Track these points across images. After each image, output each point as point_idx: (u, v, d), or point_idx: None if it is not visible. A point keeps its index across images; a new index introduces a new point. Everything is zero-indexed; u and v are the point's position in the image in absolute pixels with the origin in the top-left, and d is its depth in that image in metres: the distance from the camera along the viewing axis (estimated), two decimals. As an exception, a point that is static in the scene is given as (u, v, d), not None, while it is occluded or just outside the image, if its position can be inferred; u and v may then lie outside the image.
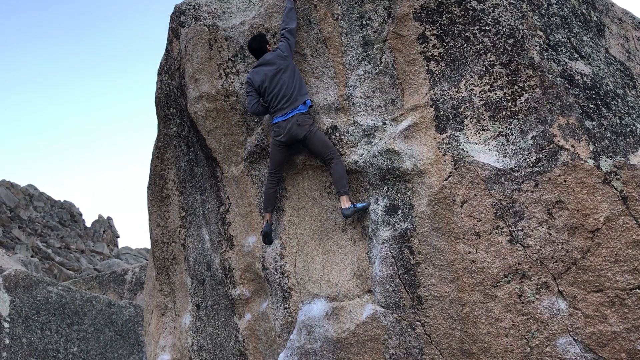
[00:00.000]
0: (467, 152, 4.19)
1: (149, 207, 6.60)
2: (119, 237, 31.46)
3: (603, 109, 4.07)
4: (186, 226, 6.20)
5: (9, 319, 9.34)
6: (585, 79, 4.20)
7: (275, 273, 4.99)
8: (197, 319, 5.95)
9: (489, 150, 4.18)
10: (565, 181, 3.89)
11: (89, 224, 30.12)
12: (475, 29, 4.39)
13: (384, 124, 4.67)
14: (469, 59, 4.39)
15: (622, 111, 4.10)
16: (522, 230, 3.98)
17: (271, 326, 5.18)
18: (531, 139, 4.07)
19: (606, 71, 4.42)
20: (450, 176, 4.20)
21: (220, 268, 5.66)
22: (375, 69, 4.76)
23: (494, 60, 4.30)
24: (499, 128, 4.20)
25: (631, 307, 3.73)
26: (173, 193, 6.35)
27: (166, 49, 6.09)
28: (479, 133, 4.25)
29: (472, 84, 4.34)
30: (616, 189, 3.79)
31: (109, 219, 31.19)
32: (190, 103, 5.53)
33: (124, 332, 10.32)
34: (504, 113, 4.21)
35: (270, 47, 5.02)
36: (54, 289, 10.00)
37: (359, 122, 4.75)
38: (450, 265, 4.16)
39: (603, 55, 4.61)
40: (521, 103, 4.17)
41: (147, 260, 25.71)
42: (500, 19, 4.34)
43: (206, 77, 5.42)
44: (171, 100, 6.16)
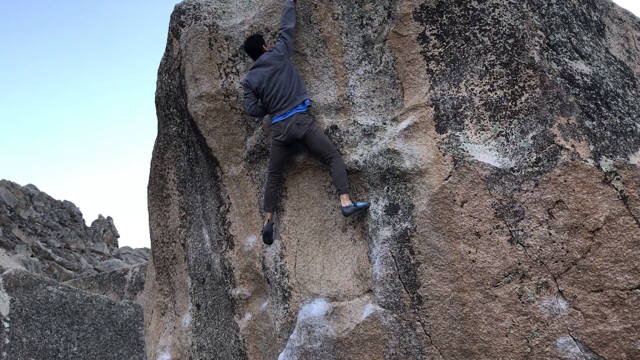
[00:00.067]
0: (467, 152, 4.19)
1: (149, 206, 6.60)
2: (119, 236, 31.46)
3: (603, 108, 4.07)
4: (186, 226, 6.20)
5: (9, 319, 9.34)
6: (585, 78, 4.20)
7: (276, 273, 4.99)
8: (197, 318, 5.95)
9: (489, 150, 4.18)
10: (565, 181, 3.89)
11: (89, 223, 30.13)
12: (475, 28, 4.39)
13: (384, 123, 4.67)
14: (469, 59, 4.39)
15: (622, 111, 4.09)
16: (522, 230, 3.98)
17: (271, 326, 5.18)
18: (531, 138, 4.07)
19: (606, 71, 4.42)
20: (450, 176, 4.20)
21: (220, 268, 5.66)
22: (376, 69, 4.76)
23: (494, 60, 4.30)
24: (499, 128, 4.20)
25: (631, 307, 3.73)
26: (173, 193, 6.35)
27: (166, 49, 6.09)
28: (479, 133, 4.25)
29: (472, 83, 4.33)
30: (616, 189, 3.79)
31: (109, 218, 31.19)
32: (191, 103, 5.53)
33: (124, 331, 10.32)
34: (504, 113, 4.21)
35: (266, 48, 5.02)
36: (54, 288, 10.00)
37: (359, 121, 4.75)
38: (450, 265, 4.16)
39: (603, 55, 4.60)
40: (521, 103, 4.16)
41: (147, 260, 25.69)
42: (500, 19, 4.33)
43: (206, 76, 5.42)
44: (171, 100, 6.16)
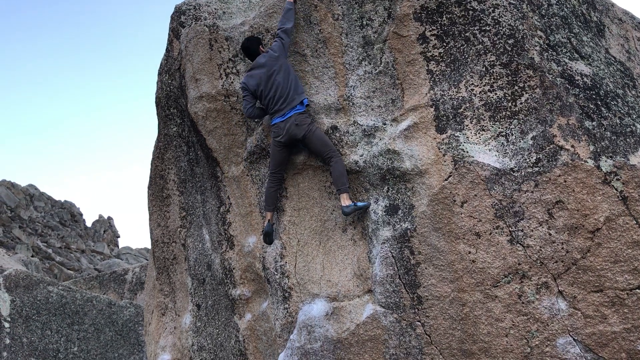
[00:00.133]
0: (467, 152, 4.19)
1: (149, 207, 6.60)
2: (119, 237, 31.47)
3: (603, 109, 4.07)
4: (186, 226, 6.20)
5: (9, 319, 9.34)
6: (585, 79, 4.20)
7: (276, 273, 4.99)
8: (197, 318, 5.95)
9: (489, 150, 4.18)
10: (565, 181, 3.89)
11: (89, 223, 30.14)
12: (475, 29, 4.39)
13: (384, 124, 4.67)
14: (469, 59, 4.39)
15: (622, 111, 4.10)
16: (522, 231, 3.98)
17: (271, 326, 5.18)
18: (531, 139, 4.07)
19: (606, 71, 4.42)
20: (450, 176, 4.20)
21: (220, 268, 5.67)
22: (376, 69, 4.76)
23: (494, 60, 4.30)
24: (499, 128, 4.21)
25: (631, 307, 3.74)
26: (173, 193, 6.35)
27: (166, 49, 6.10)
28: (479, 133, 4.25)
29: (472, 84, 4.34)
30: (616, 189, 3.79)
31: (109, 218, 31.20)
32: (191, 103, 5.53)
33: (125, 332, 10.32)
34: (504, 113, 4.21)
35: (263, 50, 5.03)
36: (54, 288, 10.01)
37: (359, 122, 4.76)
38: (450, 265, 4.16)
39: (603, 55, 4.61)
40: (521, 103, 4.17)
41: (147, 260, 25.69)
42: (500, 19, 4.34)
43: (206, 77, 5.43)
44: (171, 100, 6.16)
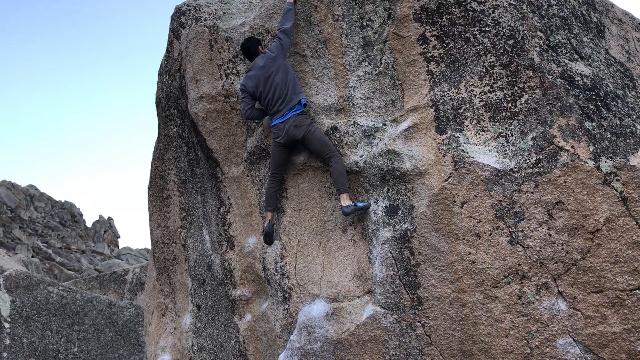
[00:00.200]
0: (467, 153, 4.19)
1: (149, 207, 6.60)
2: (119, 237, 31.48)
3: (603, 110, 4.07)
4: (187, 227, 6.20)
5: (9, 319, 9.35)
6: (585, 80, 4.20)
7: (276, 274, 4.99)
8: (197, 319, 5.95)
9: (489, 151, 4.18)
10: (565, 182, 3.89)
11: (89, 224, 30.16)
12: (475, 30, 4.40)
13: (384, 124, 4.67)
14: (469, 60, 4.39)
15: (622, 112, 4.10)
16: (522, 231, 3.98)
17: (271, 327, 5.18)
18: (531, 139, 4.07)
19: (606, 72, 4.42)
20: (450, 177, 4.20)
21: (220, 269, 5.67)
22: (376, 70, 4.77)
23: (494, 61, 4.30)
24: (499, 129, 4.21)
25: (631, 307, 3.74)
26: (173, 194, 6.35)
27: (167, 50, 6.10)
28: (479, 134, 4.25)
29: (472, 84, 4.34)
30: (616, 190, 3.79)
31: (109, 219, 31.21)
32: (191, 104, 5.54)
33: (125, 332, 10.32)
34: (504, 114, 4.21)
35: (262, 50, 5.04)
36: (54, 289, 10.01)
37: (359, 122, 4.76)
38: (450, 266, 4.16)
39: (603, 56, 4.61)
40: (521, 104, 4.17)
41: (147, 260, 25.70)
42: (500, 20, 4.34)
43: (207, 77, 5.43)
44: (172, 101, 6.17)
